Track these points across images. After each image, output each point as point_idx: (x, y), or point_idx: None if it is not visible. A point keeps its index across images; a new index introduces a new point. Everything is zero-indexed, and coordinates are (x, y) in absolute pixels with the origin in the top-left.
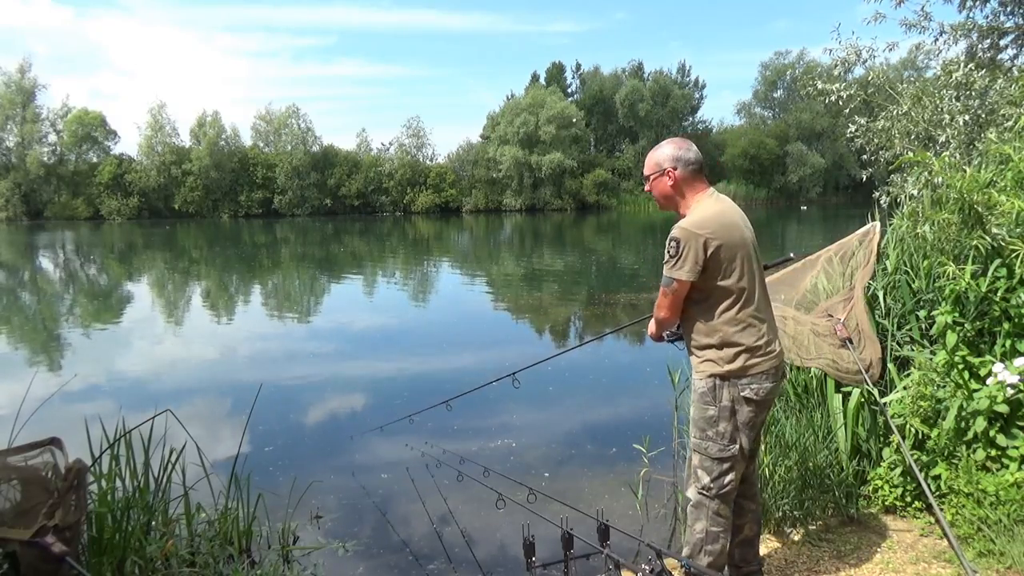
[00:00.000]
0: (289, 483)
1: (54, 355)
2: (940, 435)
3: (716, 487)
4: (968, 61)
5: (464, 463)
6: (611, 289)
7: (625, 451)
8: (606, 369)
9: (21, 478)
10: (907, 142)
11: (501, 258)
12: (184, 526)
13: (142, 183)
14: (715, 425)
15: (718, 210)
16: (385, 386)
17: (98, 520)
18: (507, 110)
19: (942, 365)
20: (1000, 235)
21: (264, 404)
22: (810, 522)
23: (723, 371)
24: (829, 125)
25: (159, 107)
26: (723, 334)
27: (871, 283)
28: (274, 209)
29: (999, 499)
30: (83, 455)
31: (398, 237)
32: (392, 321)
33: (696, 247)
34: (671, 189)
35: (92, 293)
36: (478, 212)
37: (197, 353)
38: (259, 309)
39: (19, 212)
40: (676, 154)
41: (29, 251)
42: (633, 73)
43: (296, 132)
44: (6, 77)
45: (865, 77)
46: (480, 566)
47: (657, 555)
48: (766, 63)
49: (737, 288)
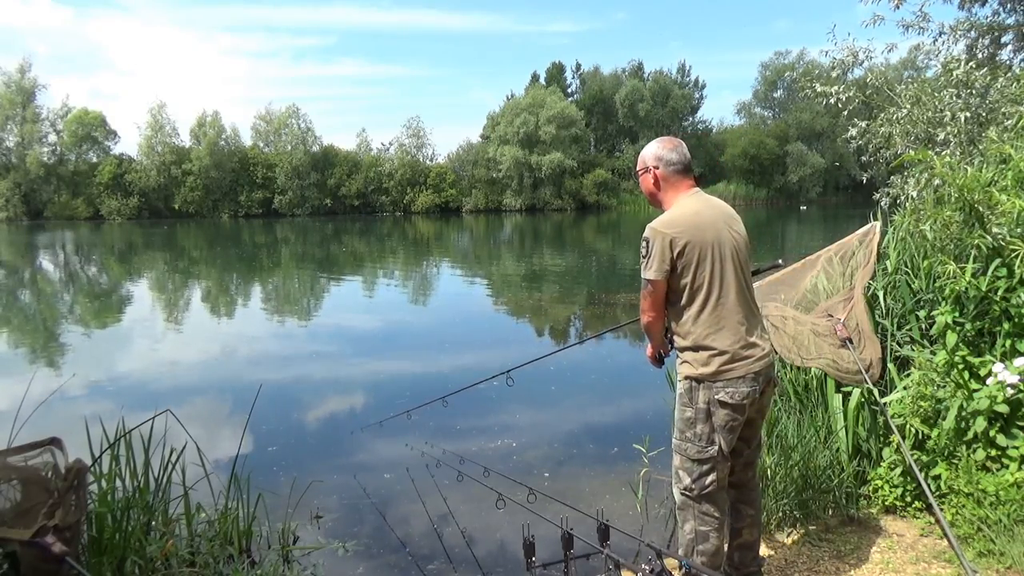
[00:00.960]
0: (289, 483)
1: (54, 355)
2: (940, 435)
3: (698, 488)
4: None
5: (464, 463)
6: (611, 289)
7: (625, 451)
8: (606, 369)
9: (21, 478)
10: (907, 142)
11: (501, 258)
12: (184, 526)
13: (142, 183)
14: (692, 427)
15: (693, 210)
16: (385, 386)
17: (98, 520)
18: (507, 110)
19: (942, 365)
20: (1001, 234)
21: (264, 404)
22: (810, 522)
23: (697, 374)
24: (829, 125)
25: (159, 107)
26: (696, 336)
27: (871, 283)
28: (274, 209)
29: (999, 499)
30: (83, 455)
31: (398, 237)
32: (392, 321)
33: (662, 246)
34: (654, 187)
35: (92, 293)
36: (478, 212)
37: (197, 353)
38: (259, 309)
39: (19, 212)
40: (659, 153)
41: (29, 251)
42: (633, 73)
43: (296, 132)
44: (6, 77)
45: (864, 78)
46: (480, 566)
47: (657, 555)
48: (766, 63)
49: (706, 288)
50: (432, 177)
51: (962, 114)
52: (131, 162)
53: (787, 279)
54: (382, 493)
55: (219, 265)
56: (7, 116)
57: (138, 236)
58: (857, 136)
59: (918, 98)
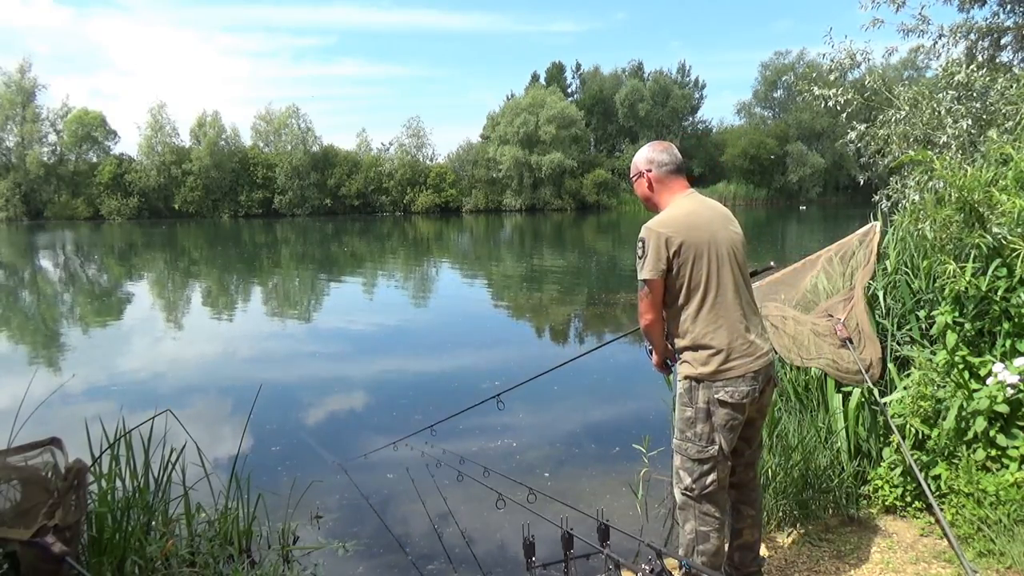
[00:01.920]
0: (289, 483)
1: (54, 355)
2: (940, 435)
3: (698, 488)
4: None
5: (464, 463)
6: (611, 289)
7: (625, 451)
8: (606, 369)
9: (21, 478)
10: (905, 145)
11: (501, 258)
12: (184, 526)
13: (142, 183)
14: (693, 426)
15: (688, 210)
16: (385, 386)
17: (98, 520)
18: (507, 110)
19: (942, 365)
20: (1001, 234)
21: (264, 404)
22: (810, 522)
23: (696, 373)
24: (829, 125)
25: (159, 107)
26: (694, 335)
27: (871, 283)
28: (274, 209)
29: (999, 499)
30: (83, 455)
31: (398, 237)
32: (392, 321)
33: (657, 245)
34: (648, 191)
35: (92, 293)
36: (478, 212)
37: (197, 353)
38: (259, 309)
39: (19, 212)
40: (651, 156)
41: (29, 251)
42: (633, 73)
43: (296, 132)
44: (6, 77)
45: (862, 80)
46: (480, 566)
47: (657, 555)
48: (766, 63)
49: (703, 287)
50: (432, 177)
51: (964, 120)
52: (131, 162)
53: (787, 279)
54: (382, 493)
55: (219, 265)
56: (7, 116)
57: (138, 236)
58: (856, 139)
59: (916, 101)
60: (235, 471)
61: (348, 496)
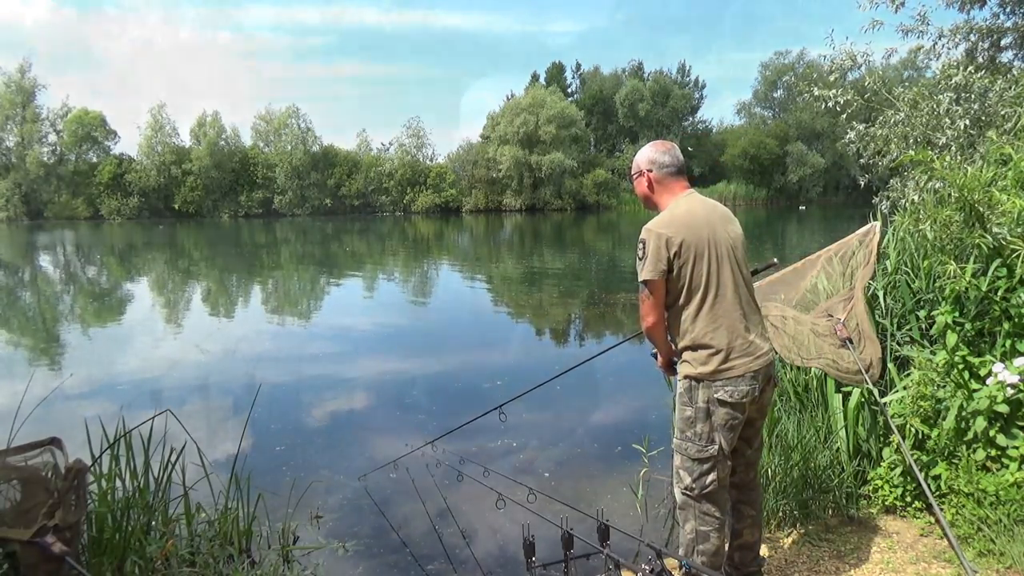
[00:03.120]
0: (289, 483)
1: (54, 355)
2: (940, 435)
3: (698, 487)
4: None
5: (464, 463)
6: (611, 289)
7: (625, 451)
8: (606, 368)
9: (21, 478)
10: (905, 146)
11: (501, 258)
12: (184, 526)
13: (142, 183)
14: (692, 426)
15: (687, 210)
16: (386, 386)
17: (98, 520)
18: (507, 110)
19: (942, 365)
20: (1001, 234)
21: (264, 404)
22: (810, 522)
23: (696, 373)
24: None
25: (159, 107)
26: (694, 335)
27: (871, 283)
28: (274, 209)
29: (999, 499)
30: (83, 455)
31: (398, 237)
32: (392, 321)
33: (658, 246)
34: (648, 190)
35: (92, 293)
36: (478, 212)
37: (197, 353)
38: (259, 309)
39: (19, 212)
40: (652, 156)
41: (29, 251)
42: (633, 73)
43: (296, 132)
44: (6, 77)
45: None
46: (480, 566)
47: (657, 555)
48: (766, 63)
49: (703, 287)
50: (432, 177)
51: (961, 121)
52: (131, 162)
53: (787, 279)
54: (382, 493)
55: (219, 265)
56: (7, 116)
57: (138, 236)
58: (856, 139)
59: (916, 102)
60: (235, 471)
61: (348, 496)
